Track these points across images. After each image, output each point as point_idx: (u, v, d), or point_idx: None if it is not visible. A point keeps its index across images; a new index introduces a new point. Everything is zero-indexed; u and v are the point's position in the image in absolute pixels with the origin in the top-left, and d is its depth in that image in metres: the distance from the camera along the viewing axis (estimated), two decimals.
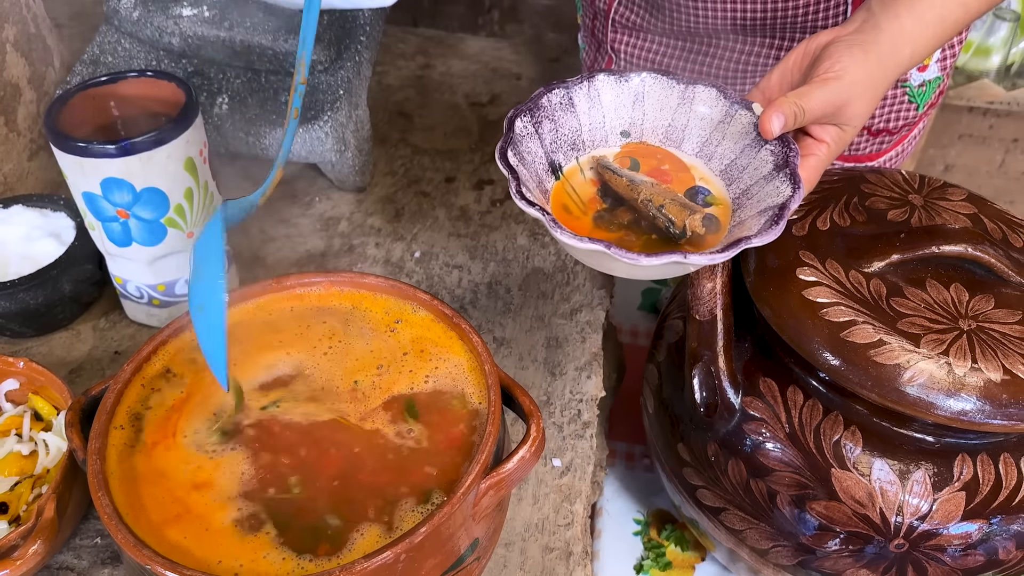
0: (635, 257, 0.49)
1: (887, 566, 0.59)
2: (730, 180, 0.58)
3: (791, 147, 0.55)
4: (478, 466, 0.48)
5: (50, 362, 0.72)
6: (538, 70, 1.13)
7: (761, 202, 0.54)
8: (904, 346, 0.55)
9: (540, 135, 0.57)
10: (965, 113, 1.69)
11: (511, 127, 0.56)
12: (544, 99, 0.58)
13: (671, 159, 0.60)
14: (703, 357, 0.62)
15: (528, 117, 0.57)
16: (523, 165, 0.55)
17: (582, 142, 0.60)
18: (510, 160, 0.54)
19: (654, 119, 0.61)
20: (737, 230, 0.55)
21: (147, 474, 0.50)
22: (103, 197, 0.64)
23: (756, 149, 0.57)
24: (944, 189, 0.68)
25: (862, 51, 0.55)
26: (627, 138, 0.61)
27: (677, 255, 0.49)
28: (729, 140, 0.59)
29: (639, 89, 0.60)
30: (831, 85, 0.54)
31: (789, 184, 0.53)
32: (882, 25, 0.56)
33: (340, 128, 0.83)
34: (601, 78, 0.60)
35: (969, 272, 0.61)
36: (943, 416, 0.55)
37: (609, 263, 0.51)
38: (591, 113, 0.60)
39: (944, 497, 0.57)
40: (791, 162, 0.54)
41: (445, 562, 0.49)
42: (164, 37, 0.82)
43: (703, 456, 0.64)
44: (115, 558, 0.59)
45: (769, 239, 0.50)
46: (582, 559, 0.61)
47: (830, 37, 0.57)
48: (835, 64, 0.54)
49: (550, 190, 0.58)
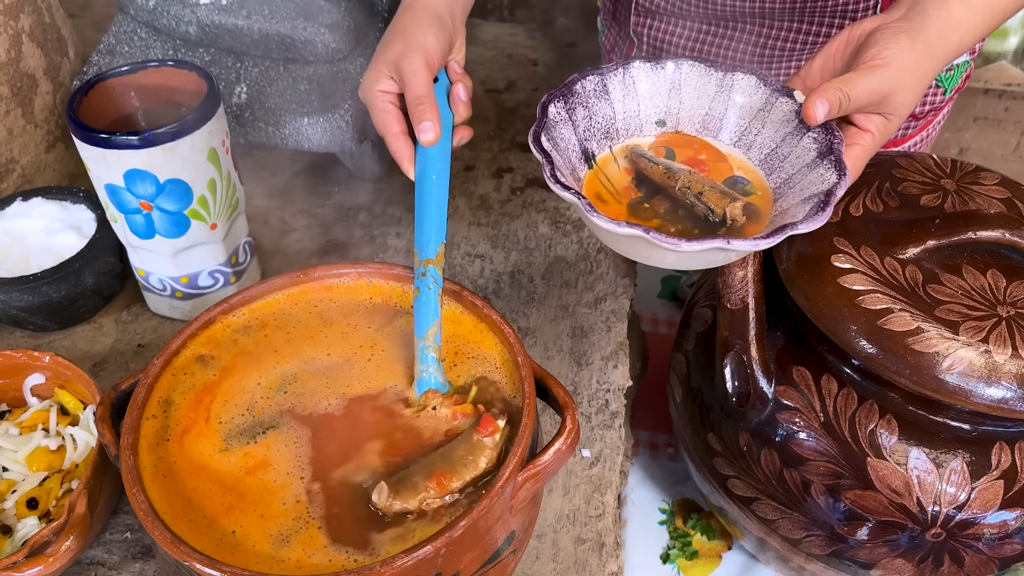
0: (675, 242, 0.47)
1: (923, 555, 0.59)
2: (770, 170, 0.57)
3: (835, 134, 0.54)
4: (515, 459, 0.48)
5: (73, 355, 0.72)
6: (554, 56, 1.12)
7: (805, 190, 0.53)
8: (943, 334, 0.55)
9: (574, 122, 0.56)
10: (981, 95, 1.67)
11: (544, 112, 0.55)
12: (578, 85, 0.57)
13: (708, 149, 0.59)
14: (735, 346, 0.62)
15: (562, 103, 0.56)
16: (556, 151, 0.54)
17: (616, 131, 0.59)
18: (544, 145, 0.53)
19: (691, 107, 0.59)
20: (779, 219, 0.53)
21: (185, 466, 0.50)
22: (126, 189, 0.63)
23: (798, 137, 0.55)
24: (977, 173, 0.67)
25: (909, 39, 0.53)
26: (663, 127, 0.60)
27: (719, 240, 0.47)
28: (769, 128, 0.57)
29: (675, 77, 0.59)
30: (878, 72, 0.52)
31: (834, 171, 0.52)
32: (929, 12, 0.55)
33: (360, 117, 0.82)
34: (637, 65, 0.58)
35: (1005, 258, 0.60)
36: (982, 404, 0.54)
37: (647, 250, 0.50)
38: (626, 101, 0.59)
39: (982, 486, 0.57)
40: (836, 149, 0.53)
41: (483, 555, 0.48)
42: (181, 26, 0.81)
43: (735, 446, 0.64)
44: (146, 552, 0.59)
45: (816, 225, 0.49)
46: (614, 550, 0.61)
47: (875, 24, 0.55)
48: (882, 51, 0.53)
49: (583, 178, 0.57)
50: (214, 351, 0.56)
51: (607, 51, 0.96)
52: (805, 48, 0.78)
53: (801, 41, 0.78)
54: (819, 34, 0.77)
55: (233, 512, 0.48)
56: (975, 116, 1.73)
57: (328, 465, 0.50)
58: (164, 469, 0.50)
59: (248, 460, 0.50)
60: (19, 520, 0.57)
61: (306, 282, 0.60)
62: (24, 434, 0.62)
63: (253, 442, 0.51)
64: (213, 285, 0.72)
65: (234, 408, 0.53)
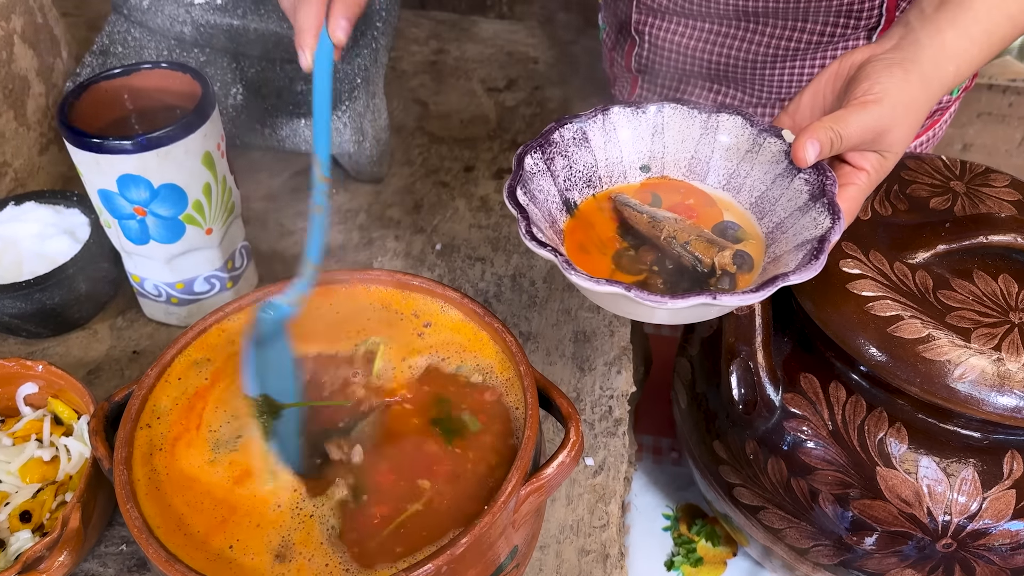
0: (660, 300, 0.44)
1: (933, 566, 0.57)
2: (761, 214, 0.54)
3: (827, 175, 0.50)
4: (518, 472, 0.47)
5: (67, 363, 0.71)
6: (555, 53, 1.11)
7: (797, 235, 0.50)
8: (955, 341, 0.54)
9: (553, 172, 0.54)
10: (984, 91, 1.66)
11: (520, 164, 0.52)
12: (556, 134, 0.54)
13: (696, 193, 0.56)
14: (741, 352, 0.60)
15: (539, 153, 0.53)
16: (534, 203, 0.52)
17: (599, 178, 0.56)
18: (519, 199, 0.50)
19: (676, 151, 0.57)
20: (772, 267, 0.50)
21: (177, 477, 0.49)
22: (120, 194, 0.62)
23: (788, 179, 0.52)
24: (987, 175, 0.65)
25: (903, 71, 0.50)
26: (647, 173, 0.57)
27: (706, 296, 0.44)
28: (758, 170, 0.54)
29: (657, 120, 0.56)
30: (871, 109, 0.49)
31: (828, 215, 0.49)
32: (923, 41, 0.51)
33: (358, 118, 0.80)
34: (616, 111, 0.56)
35: (1017, 262, 0.59)
36: (994, 413, 0.53)
37: (631, 307, 0.47)
38: (607, 148, 0.56)
39: (993, 495, 0.56)
40: (828, 191, 0.50)
41: (485, 571, 0.47)
42: (175, 26, 0.80)
43: (741, 454, 0.63)
44: (141, 565, 0.58)
45: (809, 275, 0.46)
46: (618, 561, 0.60)
47: (865, 55, 0.52)
48: (874, 85, 0.49)
49: (563, 229, 0.54)
50: (209, 355, 0.55)
51: (608, 49, 0.94)
52: (809, 48, 0.77)
53: (806, 41, 0.77)
54: (823, 34, 0.76)
55: (227, 525, 0.47)
56: (979, 112, 1.71)
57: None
58: (157, 482, 0.49)
59: (234, 469, 0.49)
60: (12, 534, 0.56)
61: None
62: (17, 444, 0.61)
63: (235, 449, 0.50)
64: (209, 290, 0.71)
65: (223, 415, 0.52)
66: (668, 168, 0.57)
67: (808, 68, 0.78)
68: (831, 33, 0.75)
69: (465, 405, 0.52)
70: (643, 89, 0.91)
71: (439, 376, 0.54)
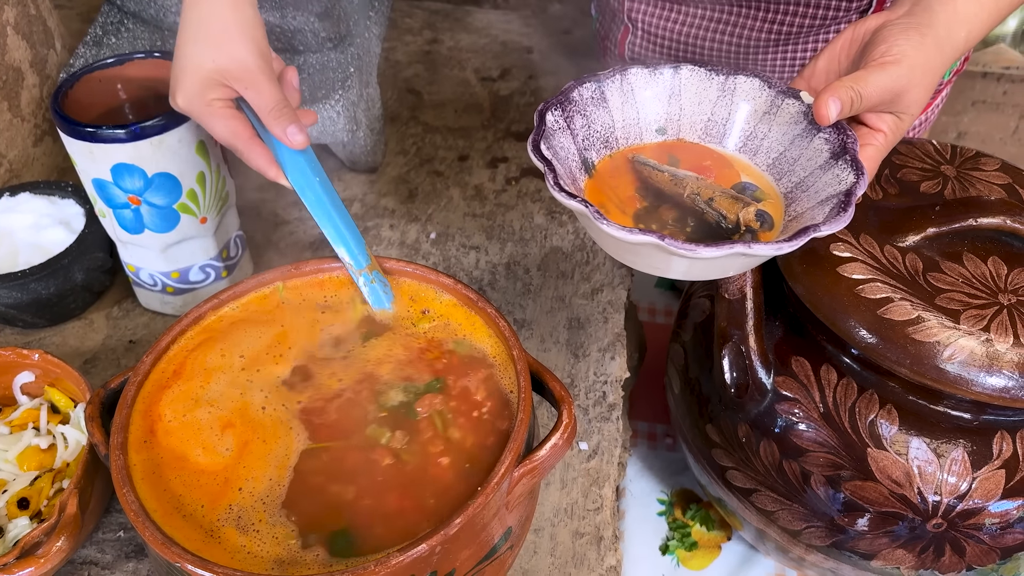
0: (693, 248, 0.44)
1: (924, 546, 0.58)
2: (780, 174, 0.55)
3: (848, 133, 0.52)
4: (511, 455, 0.47)
5: (64, 352, 0.71)
6: (549, 43, 1.11)
7: (820, 192, 0.51)
8: (943, 323, 0.54)
9: (572, 130, 0.54)
10: (979, 79, 1.66)
11: (543, 120, 0.52)
12: (575, 92, 0.55)
13: (712, 155, 0.57)
14: (733, 337, 0.61)
15: (559, 111, 0.54)
16: (557, 159, 0.52)
17: (615, 139, 0.57)
18: (544, 153, 0.51)
19: (692, 114, 0.57)
20: (793, 224, 0.51)
21: (169, 458, 0.49)
22: (114, 183, 0.62)
23: (808, 139, 0.53)
24: (977, 159, 0.66)
25: (919, 34, 0.51)
26: (663, 135, 0.57)
27: (740, 245, 0.44)
28: (776, 132, 0.55)
29: (675, 83, 0.57)
30: (890, 69, 0.50)
31: (851, 170, 0.50)
32: (935, 7, 0.53)
33: (351, 107, 0.81)
34: (634, 71, 0.56)
35: (1006, 245, 0.59)
36: (984, 394, 0.53)
37: (659, 259, 0.47)
38: (624, 108, 0.56)
39: (983, 475, 0.56)
40: (850, 148, 0.51)
41: (479, 552, 0.48)
42: (168, 16, 0.80)
43: (733, 437, 0.63)
44: (139, 551, 0.58)
45: (839, 226, 0.47)
46: (612, 543, 0.60)
47: (880, 21, 0.53)
48: (892, 47, 0.51)
49: (583, 188, 0.55)
50: (203, 340, 0.55)
51: (601, 37, 0.94)
52: (802, 32, 0.77)
53: (798, 24, 0.77)
54: (815, 16, 0.76)
55: (226, 494, 0.48)
56: (973, 100, 1.71)
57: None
58: (153, 465, 0.49)
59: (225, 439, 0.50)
60: (10, 520, 0.57)
61: (298, 276, 0.59)
62: (14, 433, 0.61)
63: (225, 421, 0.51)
64: (204, 280, 0.72)
65: (212, 392, 0.52)
66: (684, 131, 0.58)
67: (801, 52, 0.79)
68: (823, 16, 0.76)
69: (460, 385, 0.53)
70: None
71: (434, 355, 0.54)
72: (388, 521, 0.46)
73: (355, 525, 0.46)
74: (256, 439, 0.50)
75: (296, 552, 0.45)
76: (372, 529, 0.46)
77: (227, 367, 0.54)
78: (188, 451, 0.50)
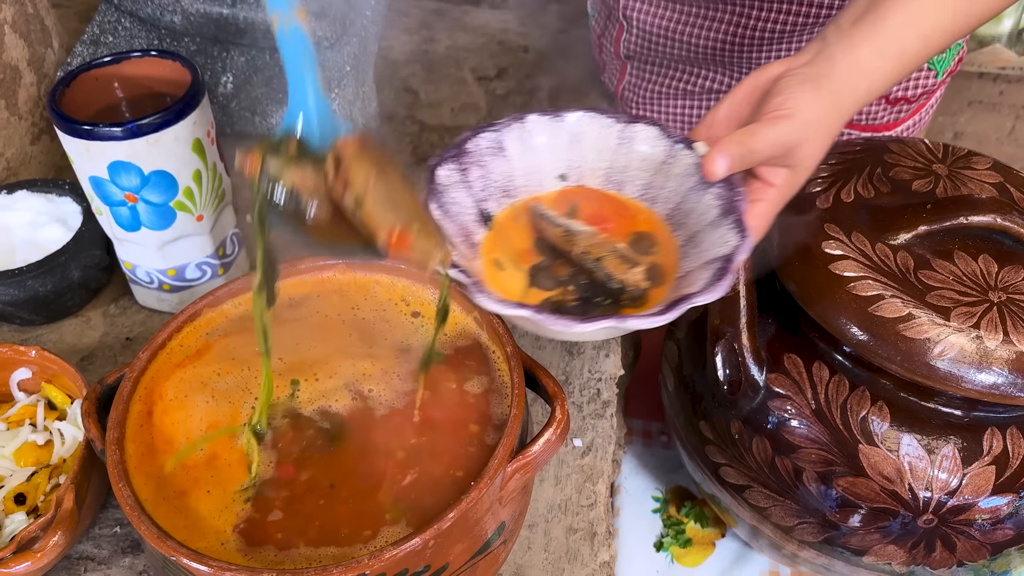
0: (566, 324, 0.44)
1: (915, 541, 0.58)
2: (676, 225, 0.54)
3: (737, 191, 0.50)
4: (504, 450, 0.48)
5: (61, 350, 0.72)
6: (546, 42, 1.11)
7: (707, 251, 0.50)
8: (934, 320, 0.54)
9: (468, 183, 0.53)
10: (975, 79, 1.67)
11: (433, 176, 0.51)
12: (470, 143, 0.53)
13: (613, 203, 0.56)
14: (726, 334, 0.61)
15: (454, 164, 0.52)
16: (448, 217, 0.51)
17: (515, 188, 0.55)
18: (433, 213, 0.49)
19: (593, 160, 0.56)
20: (684, 282, 0.50)
21: (162, 446, 0.50)
22: (110, 181, 0.63)
23: (701, 192, 0.52)
24: (969, 158, 0.66)
25: (815, 87, 0.50)
26: (565, 181, 0.56)
27: (613, 320, 0.44)
28: (673, 182, 0.54)
29: (575, 129, 0.56)
30: (782, 124, 0.49)
31: (736, 233, 0.48)
32: (837, 57, 0.51)
33: (347, 106, 0.81)
34: (533, 119, 0.55)
35: (997, 243, 0.60)
36: (974, 390, 0.54)
37: (540, 328, 0.46)
38: (524, 157, 0.55)
39: (973, 471, 0.56)
40: (737, 208, 0.49)
41: (473, 547, 0.48)
42: (165, 15, 0.80)
43: (726, 434, 0.64)
44: (135, 547, 0.59)
45: (714, 297, 0.46)
46: (606, 539, 0.61)
47: (781, 69, 0.52)
48: (786, 101, 0.49)
49: (479, 243, 0.53)
50: (199, 336, 0.56)
51: (597, 35, 0.95)
52: (796, 30, 0.78)
53: (792, 22, 0.77)
54: (808, 15, 0.76)
55: (195, 491, 0.48)
56: (969, 100, 1.72)
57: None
58: (145, 447, 0.50)
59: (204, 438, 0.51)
60: (7, 516, 0.57)
61: (294, 275, 0.59)
62: (11, 429, 0.61)
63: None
64: (201, 277, 0.72)
65: (223, 381, 0.53)
66: (586, 177, 0.57)
67: (796, 49, 0.79)
68: (816, 14, 0.76)
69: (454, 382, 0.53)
70: (632, 76, 0.92)
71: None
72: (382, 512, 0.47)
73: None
74: (223, 455, 0.50)
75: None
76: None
77: (253, 363, 0.54)
78: (175, 436, 0.50)
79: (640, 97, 0.93)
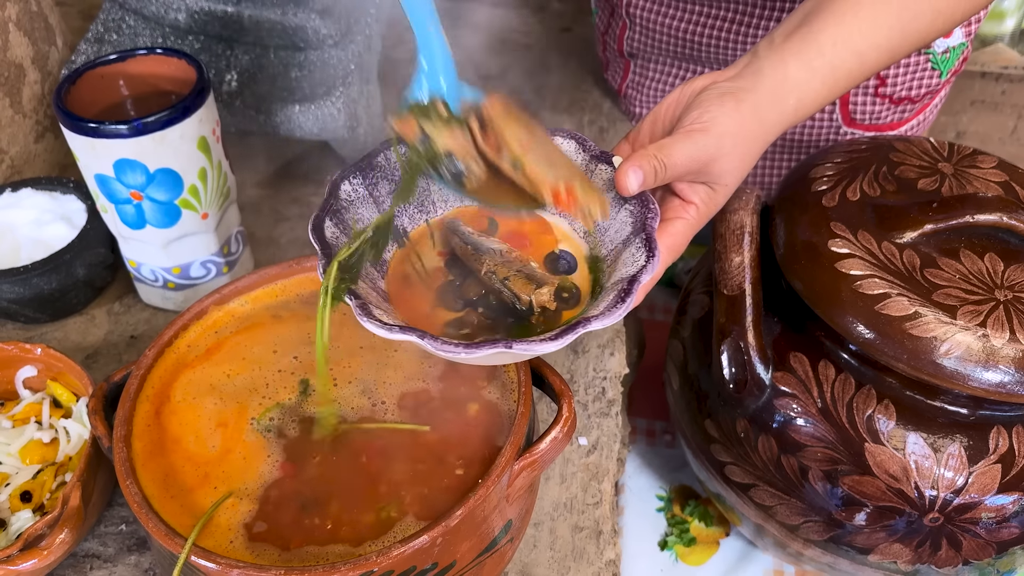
0: (453, 350, 0.42)
1: (921, 540, 0.58)
2: (594, 244, 0.51)
3: (649, 208, 0.48)
4: (511, 448, 0.48)
5: (66, 347, 0.72)
6: (549, 40, 1.11)
7: (619, 270, 0.47)
8: (940, 318, 0.54)
9: (376, 198, 0.50)
10: (978, 79, 1.67)
11: (334, 194, 0.48)
12: (380, 157, 0.51)
13: (533, 219, 0.53)
14: (731, 332, 0.61)
15: (359, 179, 0.49)
16: (348, 235, 0.48)
17: (432, 203, 0.53)
18: (326, 233, 0.46)
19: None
20: (596, 303, 0.47)
21: (169, 444, 0.50)
22: (116, 179, 0.63)
23: (616, 209, 0.49)
24: (974, 157, 0.66)
25: (734, 100, 0.48)
26: None
27: (500, 346, 0.41)
28: None
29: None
30: (696, 138, 0.47)
31: (644, 252, 0.46)
32: (764, 71, 0.50)
33: (352, 104, 0.81)
34: None
35: (1003, 241, 0.60)
36: (980, 388, 0.54)
37: (433, 352, 0.43)
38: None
39: (979, 470, 0.56)
40: (648, 226, 0.47)
41: (480, 544, 0.48)
42: (170, 13, 0.80)
43: (732, 432, 0.64)
44: (141, 544, 0.59)
45: (612, 320, 0.43)
46: (611, 537, 0.61)
47: (706, 83, 0.50)
48: (703, 114, 0.48)
49: (388, 260, 0.51)
50: (205, 335, 0.56)
51: (600, 33, 0.95)
52: None
53: None
54: None
55: (203, 487, 0.48)
56: (972, 99, 1.72)
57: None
58: (153, 445, 0.50)
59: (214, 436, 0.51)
60: (13, 513, 0.57)
61: (299, 272, 0.59)
62: (17, 427, 0.61)
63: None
64: (205, 275, 0.72)
65: (211, 386, 0.53)
66: None
67: None
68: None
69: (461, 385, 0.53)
70: (635, 74, 0.92)
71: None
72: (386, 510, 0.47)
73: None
74: (231, 453, 0.50)
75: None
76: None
77: (263, 362, 0.54)
78: (183, 436, 0.50)
79: (643, 95, 0.93)
